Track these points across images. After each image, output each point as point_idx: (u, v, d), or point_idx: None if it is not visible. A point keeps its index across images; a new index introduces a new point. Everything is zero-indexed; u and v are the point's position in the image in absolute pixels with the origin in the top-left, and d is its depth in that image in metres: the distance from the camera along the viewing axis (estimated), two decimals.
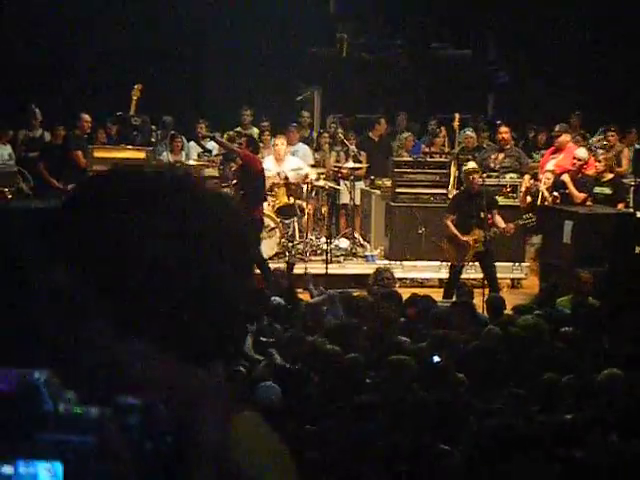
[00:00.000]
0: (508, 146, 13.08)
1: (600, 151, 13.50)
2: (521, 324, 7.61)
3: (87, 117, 13.20)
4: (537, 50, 18.02)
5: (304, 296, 9.74)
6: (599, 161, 12.47)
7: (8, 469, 1.06)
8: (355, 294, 9.60)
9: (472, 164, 11.63)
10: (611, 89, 17.29)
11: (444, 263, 11.87)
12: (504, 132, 13.04)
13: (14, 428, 1.06)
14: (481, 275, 11.11)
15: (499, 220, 11.12)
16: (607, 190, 12.13)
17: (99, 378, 1.20)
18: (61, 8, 16.27)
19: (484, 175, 12.04)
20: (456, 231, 11.01)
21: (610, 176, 12.30)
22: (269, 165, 13.17)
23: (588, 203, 11.87)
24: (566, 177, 11.97)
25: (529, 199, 12.51)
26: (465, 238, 10.95)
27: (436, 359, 6.81)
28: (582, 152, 12.20)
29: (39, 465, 1.06)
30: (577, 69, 17.70)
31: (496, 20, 17.99)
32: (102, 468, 1.07)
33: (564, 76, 17.73)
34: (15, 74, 15.54)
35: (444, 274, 11.86)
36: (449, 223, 11.13)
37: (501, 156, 13.02)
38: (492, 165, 12.93)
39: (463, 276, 11.32)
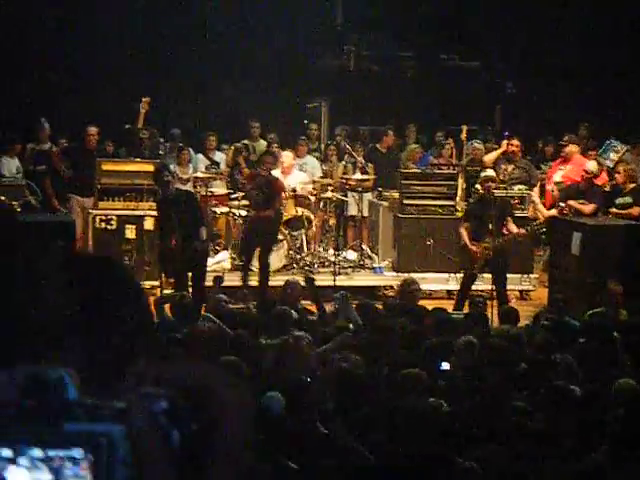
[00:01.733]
0: (517, 158, 13.10)
1: (610, 164, 13.44)
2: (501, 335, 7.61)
3: (93, 130, 13.14)
4: (545, 61, 18.02)
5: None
6: (618, 172, 12.41)
7: (38, 452, 1.09)
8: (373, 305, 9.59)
9: (490, 172, 11.57)
10: (620, 101, 17.31)
11: (452, 275, 11.85)
12: (516, 145, 13.05)
13: (42, 416, 1.09)
14: (489, 287, 11.09)
15: (512, 227, 11.07)
16: (629, 199, 12.08)
17: None
18: (70, 23, 16.34)
19: (492, 185, 12.05)
20: (467, 239, 10.96)
21: (632, 185, 12.23)
22: None
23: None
24: (573, 203, 11.89)
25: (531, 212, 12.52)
26: (474, 248, 10.91)
27: (445, 366, 6.79)
28: (592, 165, 12.12)
29: (67, 452, 1.09)
30: (585, 80, 17.70)
31: (503, 31, 17.99)
32: (130, 454, 1.09)
33: (572, 87, 17.74)
34: (24, 88, 15.61)
35: (452, 286, 11.84)
36: (463, 231, 11.07)
37: (510, 167, 13.02)
38: (501, 177, 12.93)
39: (472, 287, 11.32)
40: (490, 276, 11.00)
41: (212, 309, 9.11)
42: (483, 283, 11.40)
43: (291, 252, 12.68)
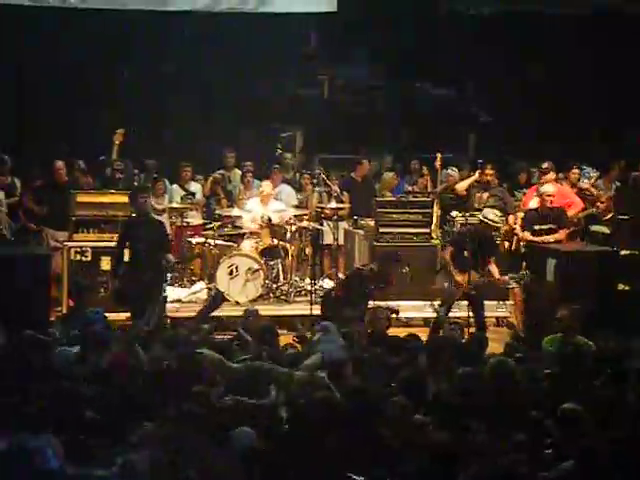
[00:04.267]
0: (492, 186, 13.20)
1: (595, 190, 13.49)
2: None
3: (60, 164, 13.09)
4: (518, 88, 18.15)
5: None
6: (601, 201, 12.42)
7: None
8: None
9: (494, 214, 11.22)
10: (593, 128, 17.48)
11: (428, 302, 11.87)
12: (490, 174, 13.13)
13: None
14: (465, 314, 11.11)
15: (494, 269, 11.03)
16: (605, 229, 12.10)
17: None
18: (41, 52, 16.29)
19: (467, 214, 12.08)
20: (452, 267, 10.83)
21: (610, 215, 12.27)
22: (254, 207, 13.21)
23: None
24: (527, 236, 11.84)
25: (507, 245, 12.51)
26: (459, 278, 10.85)
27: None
28: (549, 188, 12.02)
29: None
30: (558, 108, 17.83)
31: (477, 60, 18.08)
32: None
33: (545, 114, 17.87)
34: None
35: (428, 313, 11.85)
36: (447, 257, 10.98)
37: (485, 195, 13.11)
38: (476, 204, 13.01)
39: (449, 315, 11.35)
40: (466, 303, 11.02)
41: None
42: (459, 310, 11.42)
43: (267, 282, 12.66)
